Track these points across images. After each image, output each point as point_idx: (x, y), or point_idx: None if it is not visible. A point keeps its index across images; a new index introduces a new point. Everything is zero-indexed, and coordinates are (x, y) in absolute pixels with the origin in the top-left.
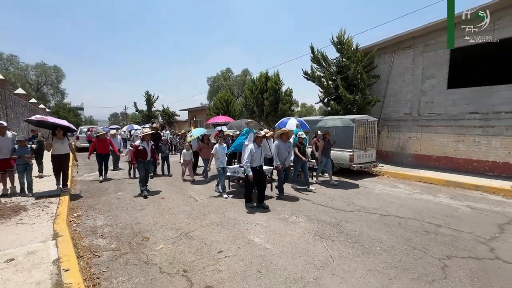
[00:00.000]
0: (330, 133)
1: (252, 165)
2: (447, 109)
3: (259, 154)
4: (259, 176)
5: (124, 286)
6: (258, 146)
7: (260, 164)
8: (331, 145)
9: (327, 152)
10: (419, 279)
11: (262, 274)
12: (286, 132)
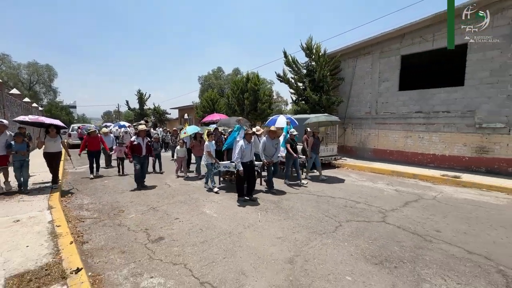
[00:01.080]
0: (318, 131)
1: (243, 160)
2: (398, 108)
3: (249, 150)
4: (249, 171)
5: (100, 237)
6: (248, 142)
7: (250, 159)
8: (320, 141)
9: (316, 148)
10: (314, 232)
11: (202, 231)
12: (274, 131)
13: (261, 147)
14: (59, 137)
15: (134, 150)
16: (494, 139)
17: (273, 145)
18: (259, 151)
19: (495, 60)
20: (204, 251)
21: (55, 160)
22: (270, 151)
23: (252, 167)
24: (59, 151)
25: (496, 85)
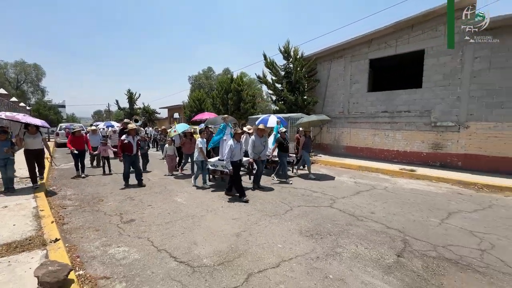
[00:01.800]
0: (310, 130)
1: (232, 159)
2: (367, 108)
3: (238, 149)
4: (238, 170)
5: (78, 220)
6: (237, 142)
7: (240, 158)
8: (311, 140)
9: (308, 147)
10: (266, 215)
11: (169, 214)
12: (262, 129)
13: (250, 145)
14: (39, 134)
15: (125, 149)
16: (447, 136)
17: (262, 143)
18: (248, 149)
19: (447, 65)
20: (167, 229)
21: (38, 158)
22: (259, 148)
23: (241, 166)
24: (41, 148)
25: (448, 88)
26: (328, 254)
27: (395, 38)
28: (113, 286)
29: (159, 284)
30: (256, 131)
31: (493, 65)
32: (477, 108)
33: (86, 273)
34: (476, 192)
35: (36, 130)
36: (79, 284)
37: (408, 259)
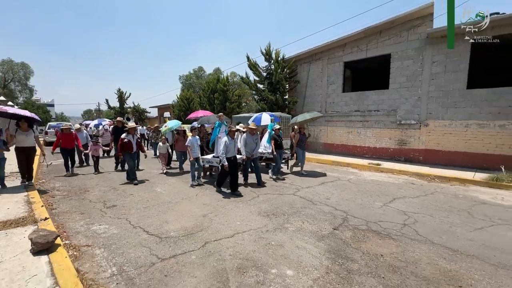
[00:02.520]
0: (305, 127)
1: (227, 155)
2: (342, 108)
3: (232, 145)
4: (233, 166)
5: (65, 206)
6: (231, 139)
7: (234, 154)
8: (306, 137)
9: (302, 144)
10: (234, 201)
11: (148, 201)
12: (254, 127)
13: (242, 143)
14: (31, 131)
15: (125, 147)
16: (410, 133)
17: (253, 141)
18: (241, 147)
19: (410, 68)
20: (144, 212)
21: (29, 156)
22: (251, 146)
23: (235, 162)
24: (33, 146)
25: (411, 89)
26: (276, 228)
27: (366, 43)
28: (93, 251)
29: (131, 249)
30: (248, 129)
31: (448, 69)
32: (435, 107)
33: (71, 242)
34: (427, 182)
35: (28, 127)
36: (65, 248)
37: (341, 231)
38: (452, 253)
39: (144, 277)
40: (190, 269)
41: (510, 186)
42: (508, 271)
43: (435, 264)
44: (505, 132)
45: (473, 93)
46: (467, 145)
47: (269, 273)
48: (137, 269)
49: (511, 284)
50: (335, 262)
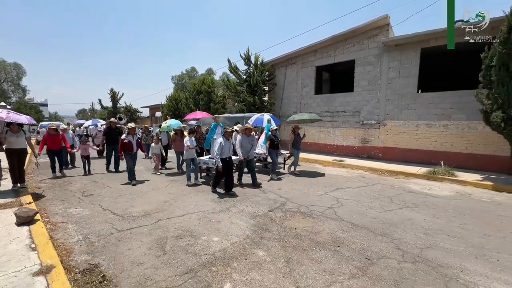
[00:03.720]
0: (299, 127)
1: (222, 156)
2: (314, 109)
3: (227, 146)
4: (227, 167)
5: (49, 195)
6: (226, 140)
7: (229, 155)
8: (301, 138)
9: (297, 144)
10: (196, 190)
11: (122, 191)
12: (250, 128)
13: (238, 144)
14: (22, 132)
15: (125, 148)
16: (371, 132)
17: (249, 142)
18: (237, 148)
19: (370, 73)
20: (115, 199)
21: (20, 158)
22: (246, 147)
23: (230, 163)
24: (24, 147)
25: (371, 92)
26: (221, 210)
27: (334, 49)
28: (66, 226)
29: (97, 225)
30: (244, 130)
31: (401, 74)
32: (391, 109)
33: (50, 220)
34: (376, 176)
35: (19, 129)
36: (43, 222)
37: (274, 212)
38: (351, 226)
39: (102, 241)
40: (140, 237)
41: (443, 178)
42: (383, 237)
43: (332, 233)
44: (448, 131)
45: (422, 96)
46: (418, 143)
47: (199, 239)
48: (98, 237)
49: (376, 243)
50: (255, 232)
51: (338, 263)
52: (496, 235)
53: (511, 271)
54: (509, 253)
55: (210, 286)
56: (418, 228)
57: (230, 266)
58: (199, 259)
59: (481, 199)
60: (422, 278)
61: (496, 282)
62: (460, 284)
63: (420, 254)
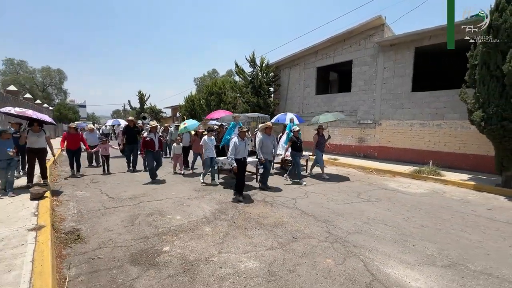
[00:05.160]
0: (324, 128)
1: (236, 157)
2: (315, 108)
3: (243, 146)
4: (242, 167)
5: (64, 182)
6: (241, 139)
7: (244, 156)
8: (325, 139)
9: (321, 146)
10: (185, 181)
11: (124, 180)
12: (270, 126)
13: (257, 144)
14: (42, 132)
15: (147, 146)
16: (367, 132)
17: (271, 142)
18: (256, 149)
19: (366, 73)
20: (114, 186)
21: (40, 157)
22: (267, 148)
23: (245, 164)
24: (44, 147)
25: (367, 92)
26: (196, 197)
27: (333, 50)
28: (68, 203)
29: (91, 203)
30: (264, 130)
31: (396, 74)
32: (386, 108)
33: (58, 198)
34: (363, 174)
35: (40, 129)
36: (51, 200)
37: (243, 200)
38: (301, 214)
39: (90, 215)
40: (119, 213)
41: (427, 177)
42: (322, 223)
43: (278, 218)
44: (441, 131)
45: (416, 96)
46: (411, 142)
47: (165, 217)
48: (88, 212)
49: (311, 227)
50: (213, 215)
51: (266, 239)
52: (433, 227)
53: (416, 254)
54: (430, 241)
55: (154, 247)
56: (362, 218)
57: (177, 236)
58: (156, 230)
59: (451, 197)
60: (328, 253)
61: (393, 260)
62: (358, 259)
63: (344, 237)
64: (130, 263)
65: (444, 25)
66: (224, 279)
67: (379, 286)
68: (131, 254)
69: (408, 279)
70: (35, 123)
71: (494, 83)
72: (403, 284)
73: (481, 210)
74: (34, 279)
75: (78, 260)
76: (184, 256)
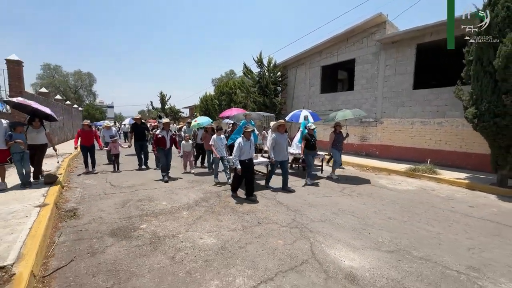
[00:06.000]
0: (341, 125)
1: (241, 158)
2: (320, 107)
3: (248, 147)
4: (247, 169)
5: (79, 172)
6: (246, 140)
7: (249, 157)
8: (343, 137)
9: (338, 145)
10: (179, 173)
11: (128, 171)
12: (283, 124)
13: (269, 144)
14: (42, 128)
15: (159, 143)
16: (369, 130)
17: (284, 141)
18: (268, 148)
19: (368, 71)
20: (120, 177)
21: (39, 153)
22: (281, 147)
23: (250, 165)
24: (44, 143)
25: (369, 90)
26: (187, 187)
27: (337, 49)
28: (76, 189)
29: (94, 189)
30: (277, 128)
31: (397, 71)
32: (388, 106)
33: (68, 185)
34: (358, 171)
35: (40, 125)
36: (62, 184)
37: (226, 191)
38: (276, 203)
39: (90, 198)
40: (115, 198)
41: (421, 175)
42: (291, 212)
43: (253, 207)
44: (442, 129)
45: (417, 93)
46: (412, 141)
47: (153, 202)
48: (90, 196)
49: (280, 215)
50: (195, 202)
51: (233, 222)
52: (399, 220)
53: (367, 240)
54: (388, 231)
55: (133, 225)
56: (333, 209)
57: (157, 217)
58: (141, 212)
59: (437, 195)
60: (283, 235)
61: (340, 244)
62: (308, 242)
63: (306, 224)
64: (109, 235)
65: (444, 21)
66: (181, 250)
67: (313, 262)
68: (113, 229)
69: (344, 259)
70: (36, 119)
71: (487, 79)
72: (336, 262)
73: (460, 207)
74: (27, 240)
75: (69, 231)
76: (155, 232)
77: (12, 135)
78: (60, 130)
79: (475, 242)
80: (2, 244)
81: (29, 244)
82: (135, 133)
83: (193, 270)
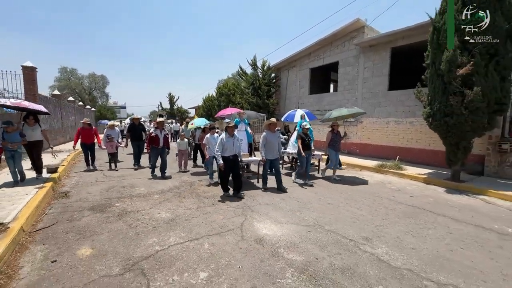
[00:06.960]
0: (339, 124)
1: (224, 154)
2: (308, 108)
3: (231, 143)
4: (232, 166)
5: (79, 168)
6: (229, 136)
7: (233, 153)
8: (340, 137)
9: (336, 145)
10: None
11: (124, 169)
12: (274, 122)
13: (261, 142)
14: (37, 126)
15: (152, 142)
16: (351, 129)
17: (275, 140)
18: (260, 147)
19: (350, 73)
20: (119, 176)
21: (35, 150)
22: (272, 145)
23: (235, 162)
24: (40, 139)
25: (351, 91)
26: (167, 178)
27: (323, 52)
28: (73, 177)
29: (89, 178)
30: (268, 126)
31: (374, 74)
32: (366, 107)
33: (68, 175)
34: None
35: (35, 122)
36: (61, 174)
37: (201, 181)
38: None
39: (83, 184)
40: (102, 185)
41: (386, 171)
42: (247, 197)
43: (217, 194)
44: (413, 128)
45: (391, 94)
46: (388, 139)
47: (133, 188)
48: (83, 183)
49: (235, 200)
50: (169, 189)
51: (192, 204)
52: (336, 205)
53: (293, 218)
54: (319, 213)
55: (110, 204)
56: (283, 196)
57: (131, 199)
58: (120, 195)
59: (390, 187)
60: (226, 213)
61: (269, 220)
62: (244, 218)
63: (252, 207)
64: (88, 209)
65: (414, 26)
66: (139, 220)
67: (237, 231)
68: (93, 206)
69: (263, 229)
70: (30, 117)
71: (439, 81)
72: (255, 231)
73: (401, 197)
74: (23, 209)
75: (58, 206)
76: (125, 208)
77: (3, 136)
78: (72, 129)
79: (386, 222)
80: (5, 210)
81: (24, 211)
82: (132, 133)
83: (141, 232)
